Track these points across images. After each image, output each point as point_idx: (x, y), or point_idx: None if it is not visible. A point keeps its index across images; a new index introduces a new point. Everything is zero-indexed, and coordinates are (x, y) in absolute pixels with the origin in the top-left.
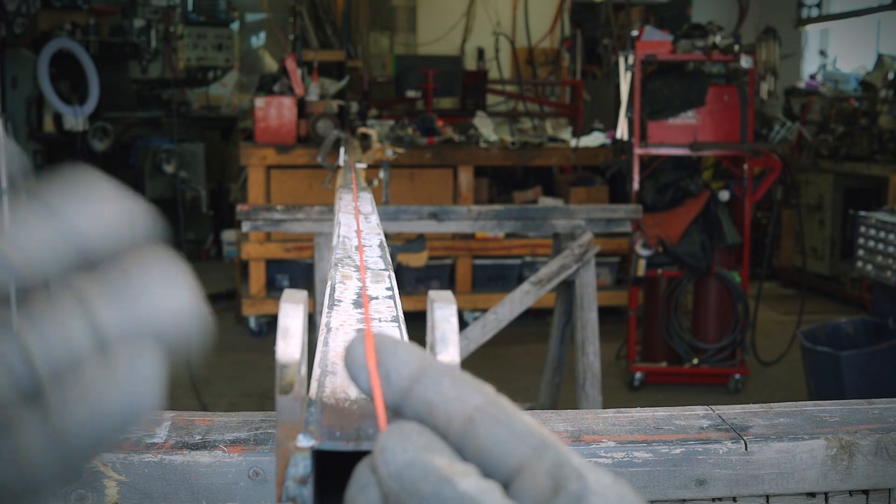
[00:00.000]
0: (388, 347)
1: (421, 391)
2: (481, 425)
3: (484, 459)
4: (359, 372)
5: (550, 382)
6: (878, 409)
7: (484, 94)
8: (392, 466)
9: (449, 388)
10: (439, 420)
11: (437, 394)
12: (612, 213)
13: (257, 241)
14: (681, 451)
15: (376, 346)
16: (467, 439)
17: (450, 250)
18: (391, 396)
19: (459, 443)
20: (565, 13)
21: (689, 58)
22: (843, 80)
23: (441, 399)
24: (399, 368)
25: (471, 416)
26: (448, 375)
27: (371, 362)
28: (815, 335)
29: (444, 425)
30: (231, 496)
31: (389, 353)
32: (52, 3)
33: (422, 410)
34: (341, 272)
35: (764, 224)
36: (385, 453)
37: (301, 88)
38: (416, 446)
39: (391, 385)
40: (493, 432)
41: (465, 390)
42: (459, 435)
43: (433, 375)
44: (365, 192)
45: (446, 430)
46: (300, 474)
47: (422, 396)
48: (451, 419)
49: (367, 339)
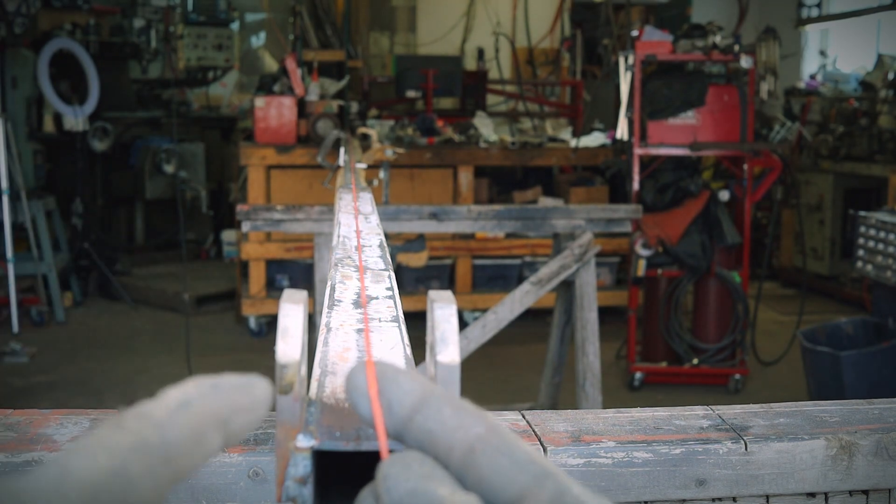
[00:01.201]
0: (389, 376)
1: (422, 420)
2: (482, 455)
3: (485, 489)
4: (360, 401)
5: (550, 382)
6: (878, 409)
7: (484, 94)
8: (395, 495)
9: (450, 418)
10: (441, 449)
11: (439, 423)
12: (612, 213)
13: (257, 241)
14: (681, 451)
15: (378, 374)
16: (469, 469)
17: (450, 250)
18: (393, 425)
19: (461, 472)
20: (565, 13)
21: (689, 58)
22: (843, 80)
23: (442, 428)
24: (401, 398)
25: (472, 446)
26: (449, 404)
27: (373, 391)
28: (815, 335)
29: (445, 454)
30: (231, 496)
31: (391, 382)
32: (52, 3)
33: (423, 439)
34: (341, 272)
35: (764, 224)
36: (388, 481)
37: (301, 88)
38: (418, 475)
39: (393, 414)
40: (495, 462)
41: (467, 420)
42: (461, 464)
43: (434, 405)
44: (365, 192)
45: (447, 460)
46: (300, 474)
47: (423, 426)
48: (453, 448)
49: (368, 367)
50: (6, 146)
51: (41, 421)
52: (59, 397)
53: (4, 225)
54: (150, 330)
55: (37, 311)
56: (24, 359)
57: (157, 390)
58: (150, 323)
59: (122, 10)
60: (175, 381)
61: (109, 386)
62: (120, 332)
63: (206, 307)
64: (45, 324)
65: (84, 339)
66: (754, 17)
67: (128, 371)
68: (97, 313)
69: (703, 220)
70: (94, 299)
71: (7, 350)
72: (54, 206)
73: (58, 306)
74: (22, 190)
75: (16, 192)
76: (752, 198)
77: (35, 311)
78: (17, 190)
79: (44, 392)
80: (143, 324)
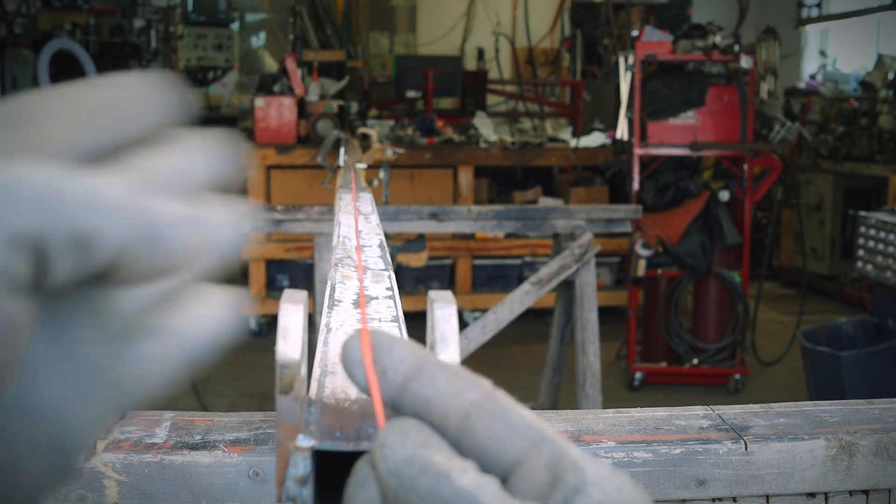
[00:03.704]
0: (384, 344)
1: (417, 387)
2: (478, 420)
3: (482, 454)
4: (355, 369)
5: (550, 382)
6: (878, 409)
7: (484, 94)
8: (391, 462)
9: (445, 384)
10: (436, 416)
11: (434, 390)
12: (612, 213)
13: (257, 241)
14: (681, 451)
15: (372, 342)
16: (465, 434)
17: (450, 250)
18: (388, 393)
19: (457, 438)
20: (565, 13)
21: (689, 58)
22: (843, 80)
23: (437, 395)
24: (395, 365)
25: (467, 412)
26: (444, 371)
27: (367, 359)
28: (815, 335)
29: (441, 421)
30: (231, 496)
31: (385, 350)
32: (52, 3)
33: (419, 406)
34: (341, 272)
35: (764, 224)
36: (384, 449)
37: (301, 88)
38: (414, 442)
39: (388, 382)
40: (490, 427)
41: (462, 386)
42: (457, 430)
43: (429, 371)
44: (365, 192)
45: (444, 426)
46: (300, 474)
47: (418, 392)
48: (448, 415)
49: (363, 336)
50: None
51: None
52: None
53: None
54: None
55: None
56: None
57: None
58: None
59: (122, 10)
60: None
61: None
62: None
63: None
64: None
65: None
66: (754, 17)
67: None
68: None
69: (703, 220)
70: None
71: None
72: None
73: None
74: None
75: None
76: (752, 198)
77: None
78: None
79: None
80: None
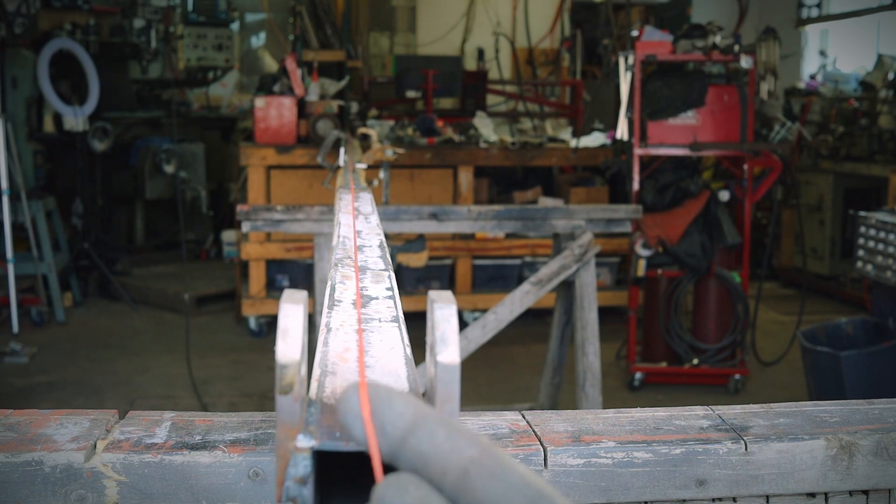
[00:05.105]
0: (382, 397)
1: (416, 443)
2: (476, 479)
3: None
4: (354, 422)
5: (550, 382)
6: (878, 409)
7: (484, 95)
8: None
9: (444, 440)
10: (435, 472)
11: (432, 445)
12: (612, 213)
13: (257, 242)
14: (681, 451)
15: (371, 396)
16: (463, 492)
17: (450, 250)
18: (387, 447)
19: (455, 495)
20: (565, 13)
21: (689, 58)
22: (843, 80)
23: (436, 451)
24: (394, 419)
25: (466, 469)
26: (443, 426)
27: (366, 413)
28: (815, 335)
29: (439, 477)
30: (231, 496)
31: (384, 404)
32: (52, 3)
33: (417, 462)
34: (341, 272)
35: (764, 224)
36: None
37: (301, 88)
38: (412, 498)
39: (386, 436)
40: (489, 486)
41: (461, 442)
42: (455, 488)
43: (428, 426)
44: (365, 192)
45: (441, 483)
46: (300, 474)
47: (417, 448)
48: (447, 471)
49: (361, 389)
50: (6, 146)
51: (41, 421)
52: (59, 397)
53: (4, 225)
54: (150, 330)
55: (37, 312)
56: (24, 359)
57: (157, 390)
58: (150, 323)
59: (122, 10)
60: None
61: (109, 386)
62: (120, 333)
63: (207, 307)
64: (45, 324)
65: (84, 339)
66: (754, 17)
67: (128, 371)
68: (97, 313)
69: (703, 220)
70: (94, 299)
71: (7, 350)
72: (54, 206)
73: (58, 306)
74: (22, 190)
75: (16, 192)
76: (752, 198)
77: (35, 311)
78: (17, 190)
79: (44, 392)
80: (143, 324)
